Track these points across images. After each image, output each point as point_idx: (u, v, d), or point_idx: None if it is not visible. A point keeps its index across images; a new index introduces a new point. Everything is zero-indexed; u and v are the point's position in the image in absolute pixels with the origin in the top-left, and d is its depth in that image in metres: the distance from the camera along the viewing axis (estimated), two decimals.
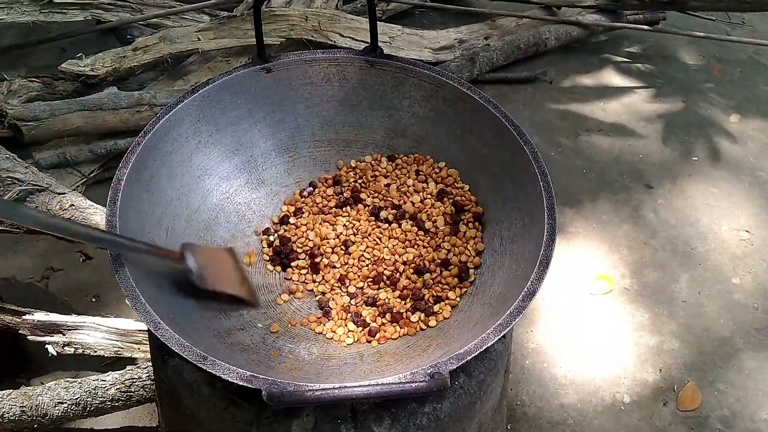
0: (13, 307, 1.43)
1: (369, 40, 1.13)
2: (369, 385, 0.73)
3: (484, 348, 0.78)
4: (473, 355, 0.77)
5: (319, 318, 1.01)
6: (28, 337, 1.42)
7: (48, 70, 2.22)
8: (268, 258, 1.09)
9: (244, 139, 1.12)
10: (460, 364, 0.76)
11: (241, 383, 0.74)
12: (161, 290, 0.91)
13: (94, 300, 1.70)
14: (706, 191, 2.04)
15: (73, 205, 1.41)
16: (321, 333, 0.99)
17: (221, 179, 1.10)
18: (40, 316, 1.42)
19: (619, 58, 2.56)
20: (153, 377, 1.30)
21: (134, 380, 1.32)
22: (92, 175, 1.96)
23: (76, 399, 1.30)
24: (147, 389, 1.33)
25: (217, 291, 0.96)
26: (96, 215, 1.44)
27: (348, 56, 1.13)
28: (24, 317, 1.41)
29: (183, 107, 1.04)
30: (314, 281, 1.06)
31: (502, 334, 0.79)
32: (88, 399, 1.31)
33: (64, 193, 1.43)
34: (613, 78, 2.47)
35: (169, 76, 2.22)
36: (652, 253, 1.85)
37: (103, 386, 1.31)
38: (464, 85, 1.08)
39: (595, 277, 1.78)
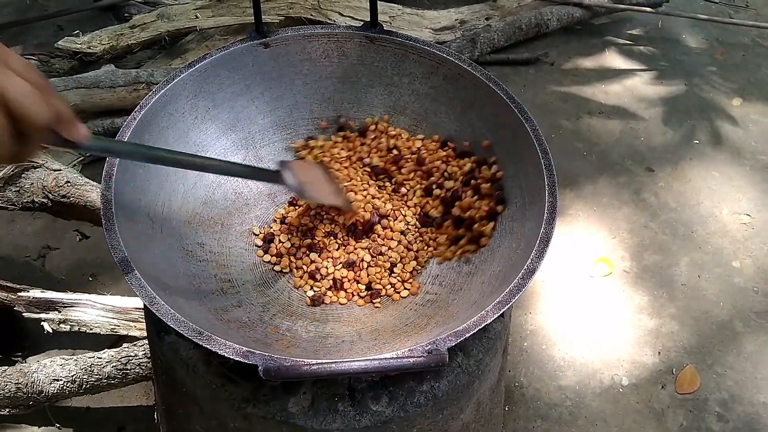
0: (8, 284, 1.42)
1: (369, 19, 1.11)
2: (367, 359, 0.72)
3: (483, 325, 0.77)
4: (472, 332, 0.76)
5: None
6: (23, 314, 1.41)
7: (45, 47, 2.21)
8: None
9: (242, 115, 1.11)
10: (459, 341, 0.75)
11: (237, 358, 0.73)
12: (157, 267, 0.90)
13: (90, 279, 1.69)
14: (708, 175, 2.03)
15: (68, 181, 1.40)
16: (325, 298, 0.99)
17: (218, 156, 1.08)
18: (35, 292, 1.41)
19: (622, 41, 2.54)
20: (149, 355, 1.30)
21: (130, 358, 1.32)
22: (89, 154, 1.94)
23: (72, 376, 1.30)
24: (143, 367, 1.32)
25: (319, 203, 1.03)
26: (92, 192, 1.42)
27: (347, 32, 1.11)
28: (19, 294, 1.40)
29: (179, 82, 1.02)
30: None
31: (501, 312, 0.78)
32: (84, 376, 1.30)
33: (60, 170, 1.42)
34: (615, 60, 2.45)
35: (166, 54, 2.20)
36: (653, 236, 1.85)
37: (99, 364, 1.31)
38: (465, 62, 1.06)
39: (594, 260, 1.78)
